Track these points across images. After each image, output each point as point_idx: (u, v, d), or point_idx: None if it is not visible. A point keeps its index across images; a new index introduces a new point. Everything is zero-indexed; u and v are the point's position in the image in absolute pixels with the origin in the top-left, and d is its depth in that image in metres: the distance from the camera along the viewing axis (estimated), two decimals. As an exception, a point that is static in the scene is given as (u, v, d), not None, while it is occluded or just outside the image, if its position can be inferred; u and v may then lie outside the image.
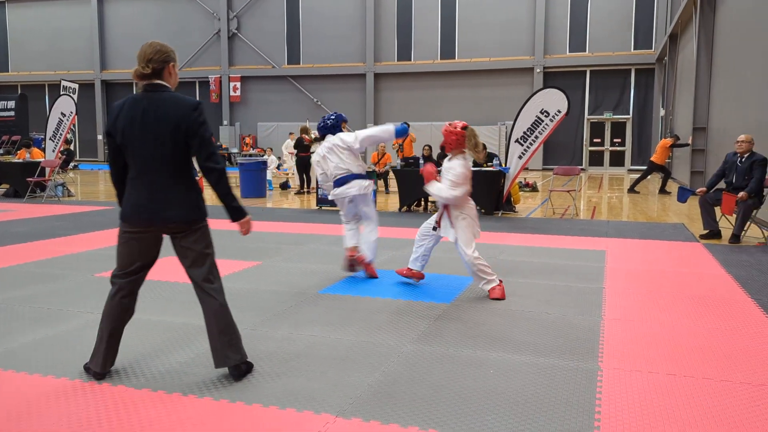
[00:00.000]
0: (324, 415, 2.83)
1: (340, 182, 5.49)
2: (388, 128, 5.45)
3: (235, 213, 3.18)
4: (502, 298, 4.89)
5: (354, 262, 5.67)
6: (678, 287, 5.35)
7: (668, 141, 15.23)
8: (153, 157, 3.03)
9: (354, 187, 5.44)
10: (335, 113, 5.69)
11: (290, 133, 20.02)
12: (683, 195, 8.60)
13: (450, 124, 5.04)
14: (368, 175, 5.56)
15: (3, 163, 14.86)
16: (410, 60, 27.14)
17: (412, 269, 5.38)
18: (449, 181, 4.91)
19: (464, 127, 5.01)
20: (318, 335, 3.98)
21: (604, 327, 4.18)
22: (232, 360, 3.22)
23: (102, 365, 3.22)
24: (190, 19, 29.66)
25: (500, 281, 5.02)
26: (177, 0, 29.75)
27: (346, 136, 5.48)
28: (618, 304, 4.78)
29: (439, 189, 4.95)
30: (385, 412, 2.87)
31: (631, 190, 15.05)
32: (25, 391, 3.09)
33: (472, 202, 5.15)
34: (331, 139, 5.53)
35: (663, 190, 14.76)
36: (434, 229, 5.20)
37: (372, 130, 5.52)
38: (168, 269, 6.00)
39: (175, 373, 3.32)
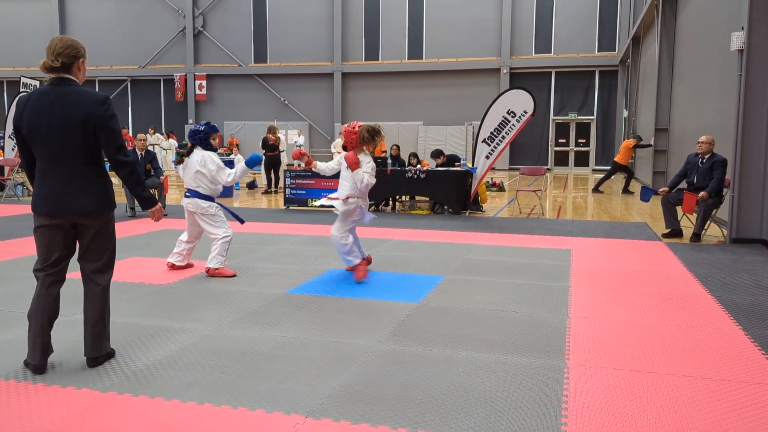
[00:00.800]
0: (294, 416, 2.81)
1: (186, 194, 5.79)
2: (241, 166, 5.68)
3: (147, 202, 3.42)
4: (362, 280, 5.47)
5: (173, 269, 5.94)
6: (641, 285, 5.46)
7: (631, 142, 15.54)
8: (60, 149, 3.11)
9: (191, 205, 5.73)
10: (207, 124, 5.82)
11: (298, 131, 19.69)
12: (646, 194, 8.79)
13: (348, 125, 5.55)
14: (210, 198, 5.76)
15: (-41, 162, 14.42)
16: (378, 60, 27.16)
17: (360, 263, 5.66)
18: (369, 174, 5.42)
19: (360, 127, 5.53)
20: (287, 335, 3.96)
21: (570, 325, 4.25)
22: (104, 349, 3.40)
23: (39, 357, 3.23)
24: (155, 16, 29.18)
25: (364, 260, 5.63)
26: (141, -4, 29.24)
27: (210, 164, 5.65)
28: (583, 302, 4.86)
29: (362, 178, 5.39)
30: (356, 412, 2.86)
31: (596, 190, 15.31)
32: (-15, 396, 3.01)
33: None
34: (201, 155, 5.68)
35: (626, 190, 15.05)
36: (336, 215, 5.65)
37: (232, 173, 5.73)
38: (131, 271, 5.91)
39: (141, 375, 3.27)
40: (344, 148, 5.69)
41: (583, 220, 10.14)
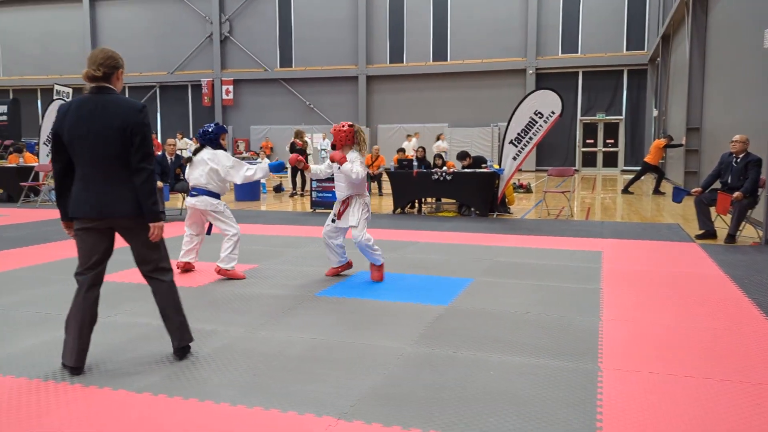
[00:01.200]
0: (325, 418, 2.82)
1: (192, 193, 5.80)
2: (264, 166, 5.78)
3: (154, 215, 3.33)
4: (380, 281, 5.58)
5: (186, 271, 6.02)
6: (675, 287, 5.36)
7: (662, 141, 15.30)
8: (100, 154, 3.22)
9: (200, 203, 5.73)
10: (216, 124, 5.87)
11: (415, 134, 19.42)
12: (678, 195, 8.64)
13: (338, 124, 5.64)
14: (218, 195, 5.80)
15: (-4, 168, 14.79)
16: (402, 62, 27.16)
17: (337, 267, 5.87)
18: (360, 165, 5.47)
19: (351, 125, 5.60)
20: (317, 337, 3.97)
21: (602, 328, 4.19)
22: (186, 340, 3.57)
23: (76, 359, 3.31)
24: (183, 23, 29.59)
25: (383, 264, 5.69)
26: (169, 3, 29.69)
27: (225, 160, 5.69)
28: (616, 305, 4.79)
29: (351, 169, 5.39)
30: (387, 414, 2.86)
31: (625, 191, 15.10)
32: (24, 395, 3.07)
33: (368, 193, 5.79)
34: (212, 152, 5.73)
35: (657, 191, 14.81)
36: (333, 221, 5.70)
37: (253, 168, 5.74)
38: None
39: (174, 377, 3.31)
40: (333, 146, 5.73)
41: (613, 221, 10.00)
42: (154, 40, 29.83)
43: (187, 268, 6.03)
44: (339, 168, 5.50)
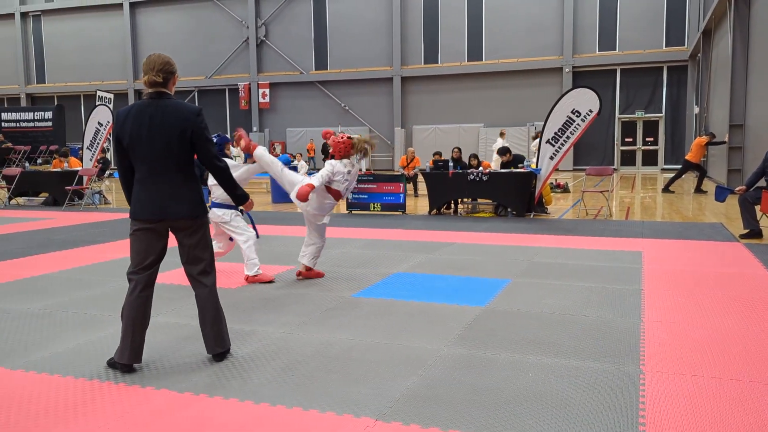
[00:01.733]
0: (364, 419, 2.83)
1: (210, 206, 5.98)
2: (250, 166, 5.85)
3: (242, 199, 3.72)
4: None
5: None
6: (719, 288, 5.23)
7: (703, 139, 14.92)
8: (159, 158, 3.34)
9: (212, 215, 5.75)
10: (218, 135, 5.91)
11: (502, 130, 19.03)
12: (721, 194, 8.42)
13: (336, 135, 5.82)
14: (230, 206, 5.77)
15: (42, 173, 15.26)
16: (437, 63, 27.09)
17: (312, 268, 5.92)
18: (324, 174, 5.63)
19: (350, 137, 5.79)
20: (354, 339, 3.99)
21: (644, 329, 4.11)
22: (227, 344, 3.64)
23: (130, 357, 3.39)
24: (220, 28, 30.07)
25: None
26: (206, 9, 30.22)
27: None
28: (658, 306, 4.69)
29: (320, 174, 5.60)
30: (425, 415, 2.86)
31: (666, 189, 14.78)
32: (71, 394, 3.16)
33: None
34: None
35: (699, 189, 14.46)
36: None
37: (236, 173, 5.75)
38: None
39: (215, 377, 3.36)
40: (332, 156, 5.79)
41: (654, 221, 9.80)
42: (193, 46, 30.38)
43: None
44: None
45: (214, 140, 5.85)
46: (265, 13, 29.34)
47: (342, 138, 5.75)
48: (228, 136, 6.06)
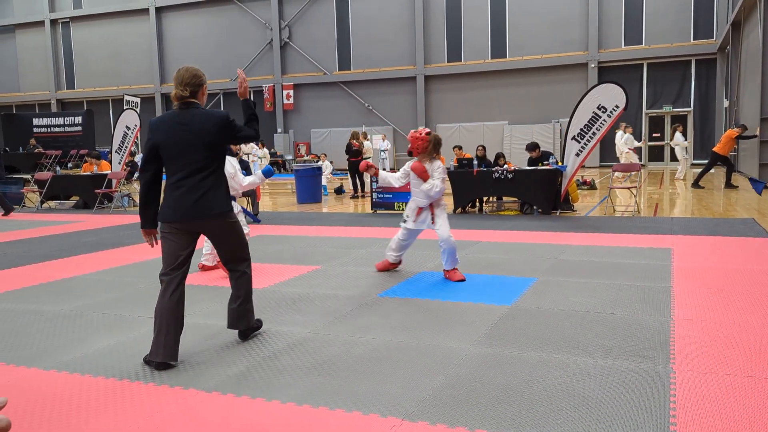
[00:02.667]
0: (390, 419, 2.82)
1: None
2: (259, 174, 5.76)
3: (250, 107, 3.91)
4: (463, 279, 5.56)
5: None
6: (753, 285, 5.11)
7: (734, 132, 14.59)
8: (192, 162, 3.54)
9: None
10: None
11: (623, 124, 18.54)
12: (758, 186, 8.22)
13: (415, 131, 5.69)
14: (233, 198, 5.81)
15: (73, 177, 15.55)
16: (460, 60, 26.98)
17: (392, 263, 6.01)
18: (440, 180, 5.70)
19: (428, 132, 5.66)
20: (380, 338, 3.99)
21: (674, 328, 4.04)
22: (251, 323, 3.98)
23: (164, 354, 3.49)
24: (244, 31, 30.34)
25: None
26: (230, 12, 30.52)
27: (229, 167, 5.67)
28: (688, 304, 4.61)
29: (431, 189, 5.66)
30: (452, 415, 2.84)
31: (695, 185, 14.51)
32: (102, 394, 3.21)
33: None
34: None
35: (729, 184, 14.16)
36: (405, 221, 5.88)
37: (248, 180, 5.90)
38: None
39: (242, 376, 3.39)
40: (410, 153, 5.72)
41: (683, 217, 9.63)
42: (217, 49, 30.70)
43: (204, 268, 6.31)
44: (419, 182, 5.65)
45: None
46: (288, 14, 29.52)
47: (421, 133, 5.69)
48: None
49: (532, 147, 11.52)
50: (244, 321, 3.94)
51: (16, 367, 3.65)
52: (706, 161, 17.10)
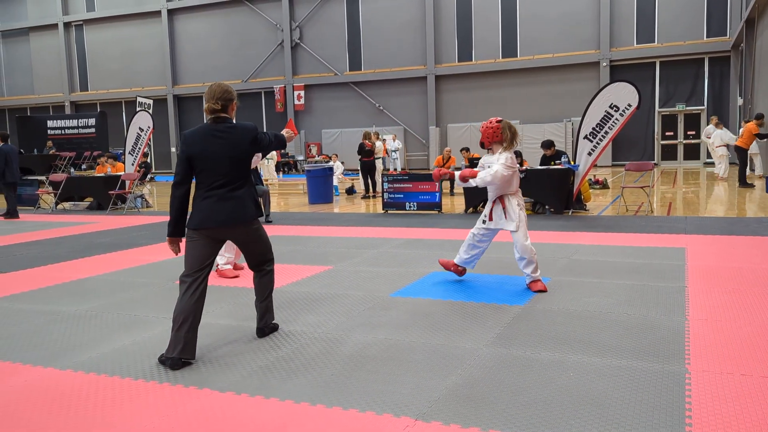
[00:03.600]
0: (403, 419, 2.83)
1: None
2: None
3: (282, 140, 4.25)
4: (544, 290, 5.11)
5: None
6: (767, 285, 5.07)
7: (755, 126, 14.32)
8: (226, 173, 3.73)
9: None
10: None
11: (715, 119, 18.20)
12: None
13: (487, 121, 5.27)
14: None
15: (87, 178, 15.68)
16: (471, 60, 26.93)
17: (456, 265, 5.61)
18: (502, 165, 5.08)
19: (498, 121, 5.22)
20: (392, 338, 4.00)
21: (689, 328, 4.01)
22: (272, 321, 4.19)
23: (181, 351, 3.57)
24: (255, 32, 30.46)
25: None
26: (241, 14, 30.64)
27: None
28: (703, 304, 4.57)
29: (485, 178, 5.11)
30: (465, 415, 2.84)
31: (744, 183, 14.11)
32: (118, 393, 3.24)
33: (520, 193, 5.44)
34: None
35: (744, 183, 13.99)
36: (484, 222, 5.39)
37: None
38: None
39: (256, 376, 3.41)
40: (482, 144, 5.38)
41: (697, 216, 9.56)
42: (229, 50, 30.84)
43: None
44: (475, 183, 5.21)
45: None
46: (299, 15, 29.60)
47: (491, 123, 5.20)
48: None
49: (548, 145, 11.47)
50: (269, 314, 4.15)
51: (33, 367, 3.70)
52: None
